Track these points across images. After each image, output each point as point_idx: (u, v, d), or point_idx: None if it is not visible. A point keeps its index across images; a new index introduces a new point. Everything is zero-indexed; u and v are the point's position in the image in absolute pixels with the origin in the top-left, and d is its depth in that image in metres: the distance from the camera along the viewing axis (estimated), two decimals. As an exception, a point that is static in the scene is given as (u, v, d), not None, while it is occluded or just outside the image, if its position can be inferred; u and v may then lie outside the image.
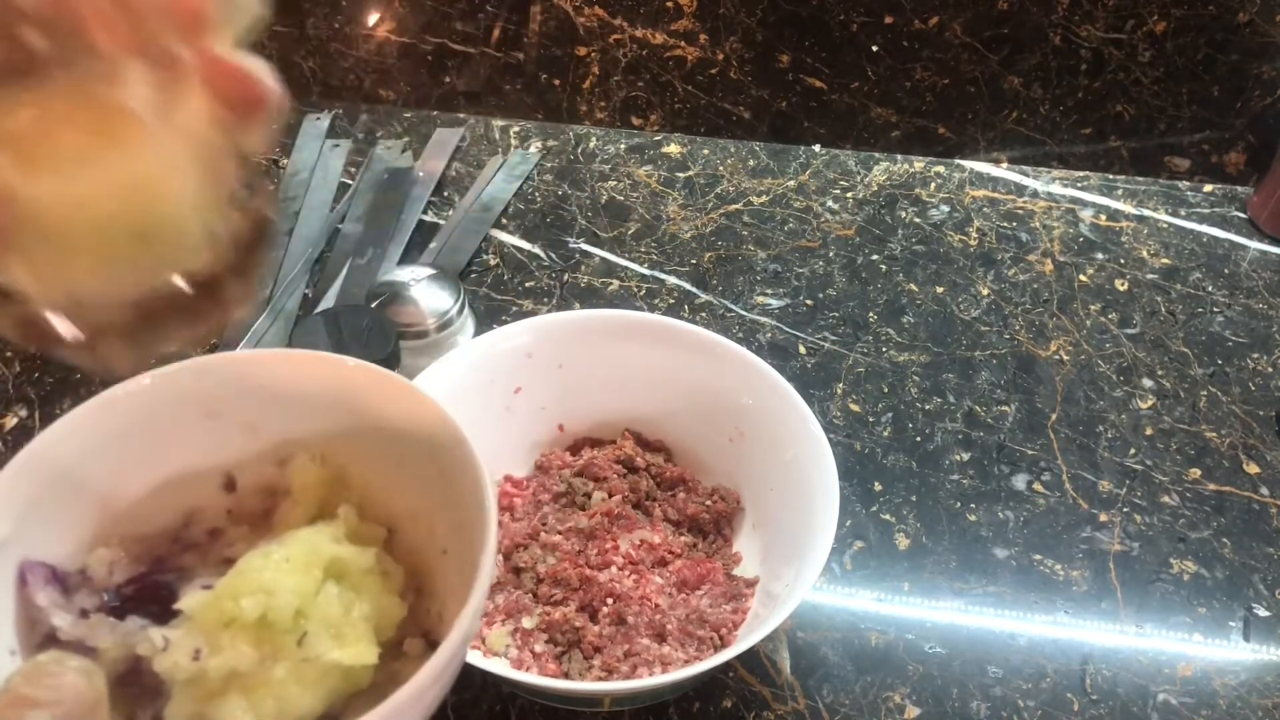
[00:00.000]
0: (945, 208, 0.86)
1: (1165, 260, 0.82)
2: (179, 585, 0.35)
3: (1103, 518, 0.65)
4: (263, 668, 0.31)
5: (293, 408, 0.38)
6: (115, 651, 0.33)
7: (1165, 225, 0.85)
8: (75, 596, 0.34)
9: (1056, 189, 0.88)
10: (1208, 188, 0.89)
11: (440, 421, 0.36)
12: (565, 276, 0.80)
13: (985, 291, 0.79)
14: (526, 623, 0.56)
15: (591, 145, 0.92)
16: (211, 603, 0.32)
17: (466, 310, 0.70)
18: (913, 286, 0.80)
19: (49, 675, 0.28)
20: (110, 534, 0.36)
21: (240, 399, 0.38)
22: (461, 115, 0.95)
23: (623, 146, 0.91)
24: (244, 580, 0.32)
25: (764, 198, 0.87)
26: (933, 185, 0.89)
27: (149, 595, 0.35)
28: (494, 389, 0.61)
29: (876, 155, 0.91)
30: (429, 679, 0.29)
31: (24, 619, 0.33)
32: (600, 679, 0.53)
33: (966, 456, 0.68)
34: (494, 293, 0.79)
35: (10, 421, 0.69)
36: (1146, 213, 0.86)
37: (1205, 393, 0.72)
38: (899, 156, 0.91)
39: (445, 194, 0.87)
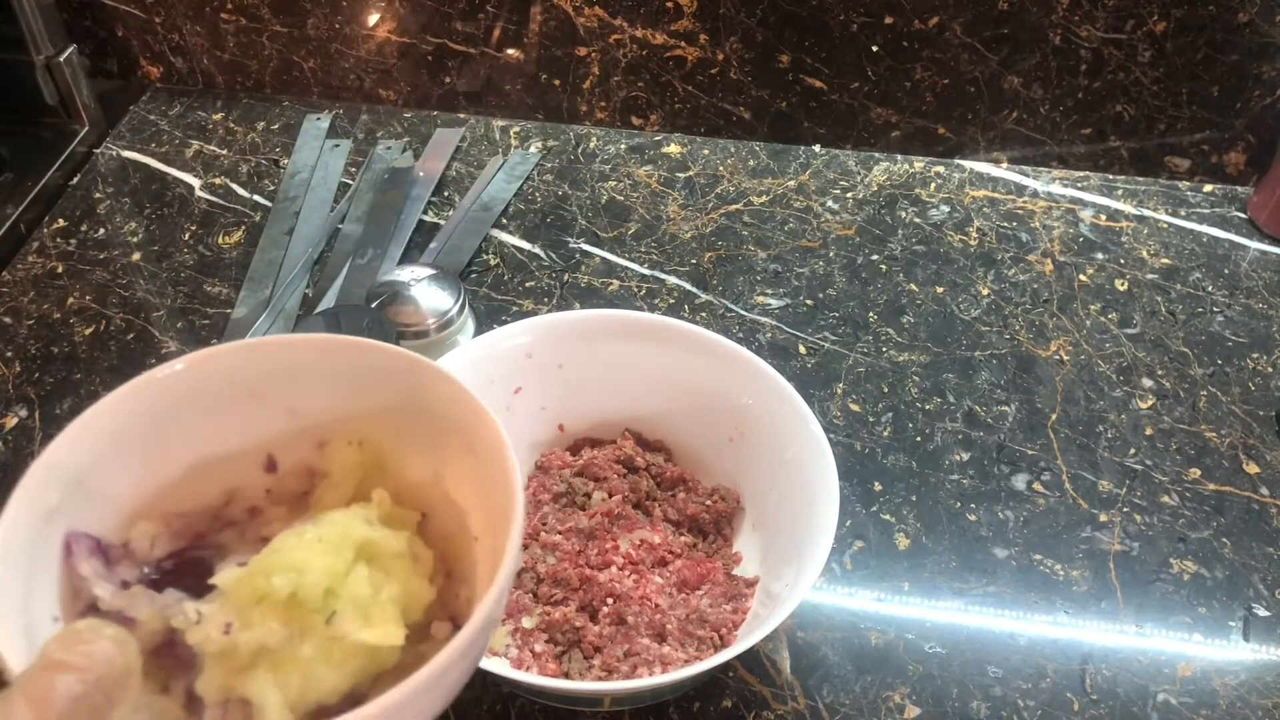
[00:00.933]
0: (945, 208, 0.86)
1: (1165, 260, 0.82)
2: (216, 561, 0.36)
3: (1103, 518, 0.65)
4: (291, 645, 0.32)
5: (334, 392, 0.39)
6: (152, 623, 0.33)
7: (1165, 225, 0.85)
8: (117, 568, 0.35)
9: (1056, 189, 0.88)
10: (1208, 188, 0.89)
11: (475, 411, 0.37)
12: (565, 276, 0.80)
13: (985, 291, 0.79)
14: (526, 623, 0.56)
15: (591, 145, 0.92)
16: (244, 579, 0.33)
17: (466, 310, 0.70)
18: (913, 286, 0.80)
19: (83, 641, 0.29)
20: (152, 509, 0.37)
21: (283, 382, 0.38)
22: (461, 115, 0.95)
23: (623, 146, 0.92)
24: (277, 558, 0.33)
25: (764, 198, 0.87)
26: (933, 185, 0.89)
27: (187, 570, 0.36)
28: (494, 389, 0.61)
29: (876, 155, 0.91)
30: (450, 659, 0.30)
31: (68, 588, 0.34)
32: (600, 679, 0.53)
33: (966, 456, 0.68)
34: (494, 293, 0.79)
35: (10, 422, 0.69)
36: (1146, 213, 0.86)
37: (1205, 393, 0.72)
38: (899, 156, 0.91)
39: (445, 194, 0.87)
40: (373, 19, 0.91)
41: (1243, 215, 0.86)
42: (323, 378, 0.39)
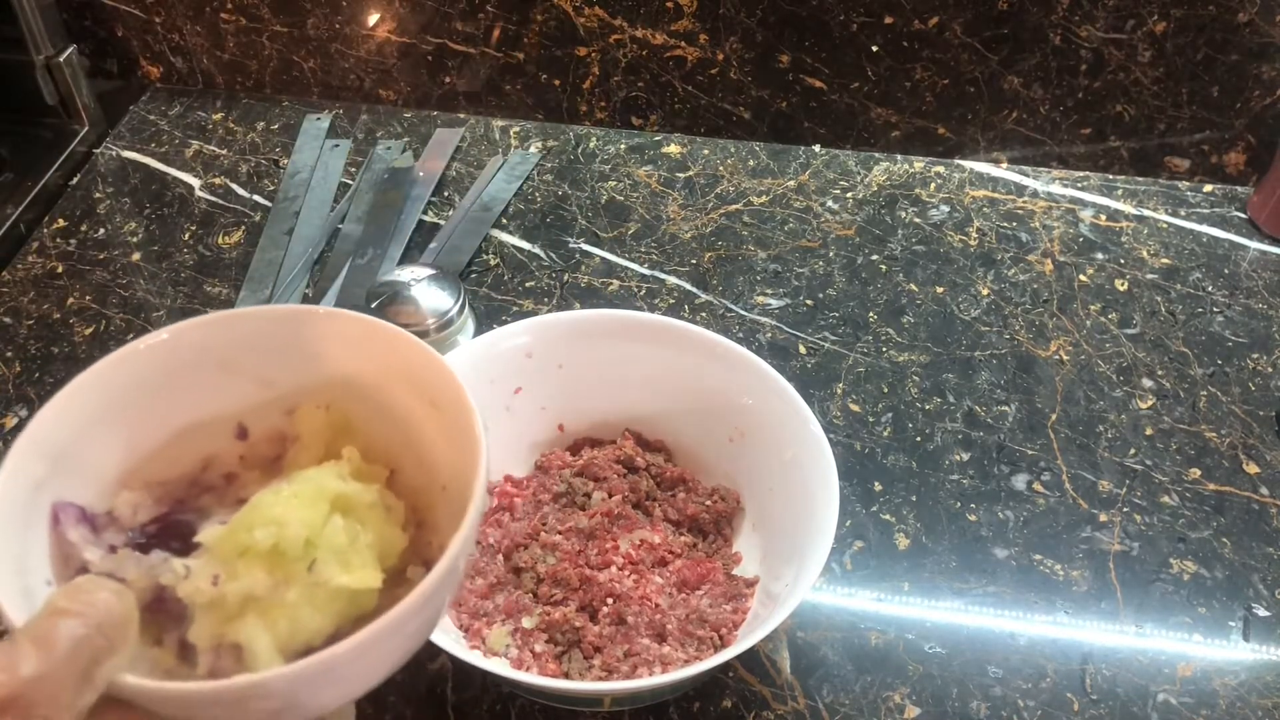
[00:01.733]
0: (945, 208, 0.86)
1: (1165, 260, 0.82)
2: (197, 524, 0.38)
3: (1103, 518, 0.65)
4: (276, 592, 0.34)
5: (301, 360, 0.41)
6: (141, 582, 0.35)
7: (1165, 225, 0.85)
8: (103, 534, 0.37)
9: (1056, 189, 0.88)
10: (1208, 188, 0.89)
11: (437, 368, 0.39)
12: (565, 276, 0.80)
13: (985, 291, 0.79)
14: (526, 623, 0.56)
15: (591, 145, 0.92)
16: (227, 535, 0.35)
17: (466, 310, 0.70)
18: (913, 286, 0.80)
19: (84, 592, 0.30)
20: (134, 478, 0.39)
21: (253, 353, 0.40)
22: (461, 115, 0.95)
23: (623, 146, 0.92)
24: (257, 513, 0.35)
25: (764, 198, 0.87)
26: (933, 185, 0.89)
27: (171, 532, 0.38)
28: (494, 389, 0.61)
29: (876, 155, 0.91)
30: (418, 599, 0.32)
31: (58, 554, 0.36)
32: (600, 679, 0.53)
33: (966, 456, 0.68)
34: (494, 293, 0.79)
35: (11, 422, 0.69)
36: (1146, 213, 0.86)
37: (1205, 393, 0.72)
38: (899, 156, 0.91)
39: (445, 194, 0.87)
40: (373, 19, 0.91)
41: (1243, 215, 0.86)
42: (290, 347, 0.40)
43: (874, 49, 0.86)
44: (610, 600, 0.55)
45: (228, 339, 0.40)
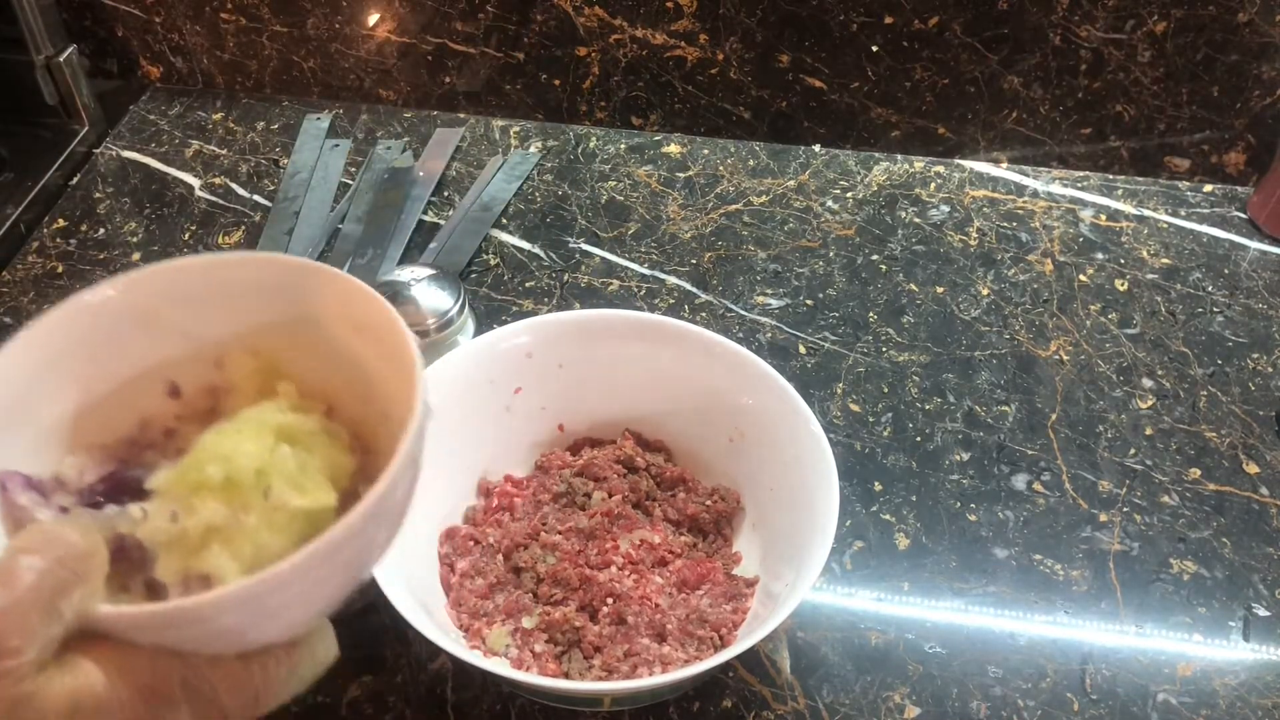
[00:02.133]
0: (945, 208, 0.86)
1: (1165, 260, 0.82)
2: (145, 477, 0.38)
3: (1103, 518, 0.65)
4: (235, 520, 0.34)
5: (222, 309, 0.40)
6: (102, 534, 0.35)
7: (1165, 225, 0.85)
8: (53, 498, 0.37)
9: (1056, 189, 0.88)
10: (1208, 188, 0.89)
11: (363, 296, 0.39)
12: (565, 276, 0.80)
13: (985, 291, 0.79)
14: (526, 623, 0.56)
15: (591, 145, 0.92)
16: (178, 475, 0.35)
17: (466, 310, 0.70)
18: (913, 286, 0.80)
19: (44, 530, 0.31)
20: (74, 443, 0.39)
21: (171, 308, 0.40)
22: (461, 115, 0.95)
23: (623, 146, 0.92)
24: (204, 452, 0.35)
25: (764, 198, 0.87)
26: (933, 185, 0.89)
27: (120, 489, 0.38)
28: (494, 389, 0.61)
29: (876, 155, 0.91)
30: (376, 502, 0.33)
31: (9, 518, 0.36)
32: (600, 679, 0.53)
33: (966, 456, 0.68)
34: (494, 293, 0.79)
35: (10, 421, 0.69)
36: (1146, 213, 0.86)
37: (1205, 393, 0.72)
38: (899, 156, 0.91)
39: (445, 194, 0.87)
40: (373, 19, 0.91)
41: (1243, 215, 0.86)
42: (209, 297, 0.40)
43: (874, 49, 0.86)
44: (610, 600, 0.55)
45: (147, 295, 0.40)
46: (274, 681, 0.33)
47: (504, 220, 0.85)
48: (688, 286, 0.79)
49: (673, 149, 0.91)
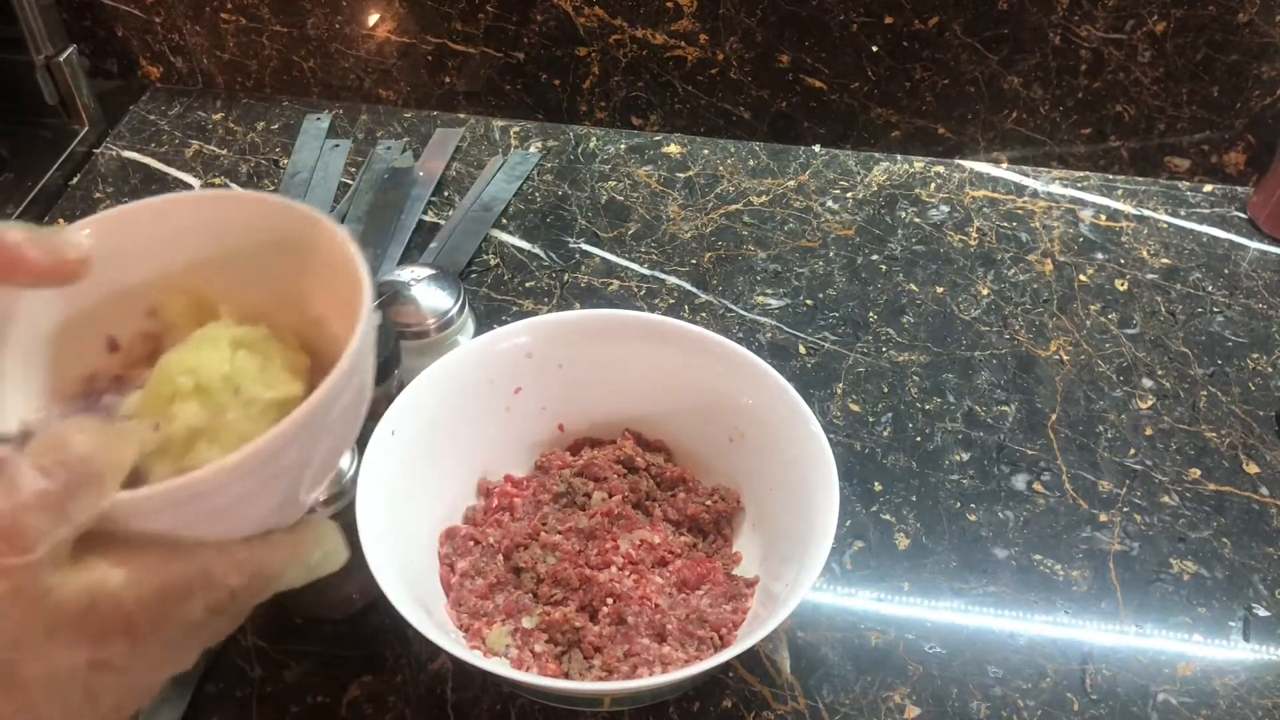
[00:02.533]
0: (945, 208, 0.86)
1: (1165, 260, 0.82)
2: (112, 410, 0.39)
3: (1103, 518, 0.65)
4: (216, 418, 0.36)
5: (144, 256, 0.41)
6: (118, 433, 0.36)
7: (1165, 225, 0.85)
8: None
9: (1056, 189, 0.88)
10: (1208, 188, 0.89)
11: (286, 211, 0.40)
12: (565, 276, 0.80)
13: (985, 291, 0.79)
14: (526, 623, 0.56)
15: (591, 145, 0.92)
16: (149, 394, 0.37)
17: (466, 310, 0.70)
18: (913, 286, 0.80)
19: (52, 436, 0.31)
20: (28, 403, 0.40)
21: (100, 260, 0.39)
22: (461, 115, 0.95)
23: (623, 146, 0.92)
24: (169, 368, 0.37)
25: (764, 198, 0.87)
26: (933, 185, 0.89)
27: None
28: (494, 389, 0.61)
29: (876, 155, 0.91)
30: (344, 373, 0.34)
31: None
32: (600, 679, 0.53)
33: (966, 456, 0.68)
34: (494, 293, 0.79)
35: (10, 421, 0.69)
36: (1146, 213, 0.86)
37: (1205, 393, 0.72)
38: (899, 156, 0.91)
39: (445, 194, 0.87)
40: (373, 19, 0.91)
41: (1243, 215, 0.86)
42: (128, 248, 0.40)
43: (874, 49, 0.86)
44: (610, 600, 0.55)
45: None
46: (277, 562, 0.35)
47: (504, 220, 0.85)
48: (688, 286, 0.79)
49: (673, 149, 0.91)
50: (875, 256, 0.82)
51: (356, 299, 0.37)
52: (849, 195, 0.87)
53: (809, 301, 0.78)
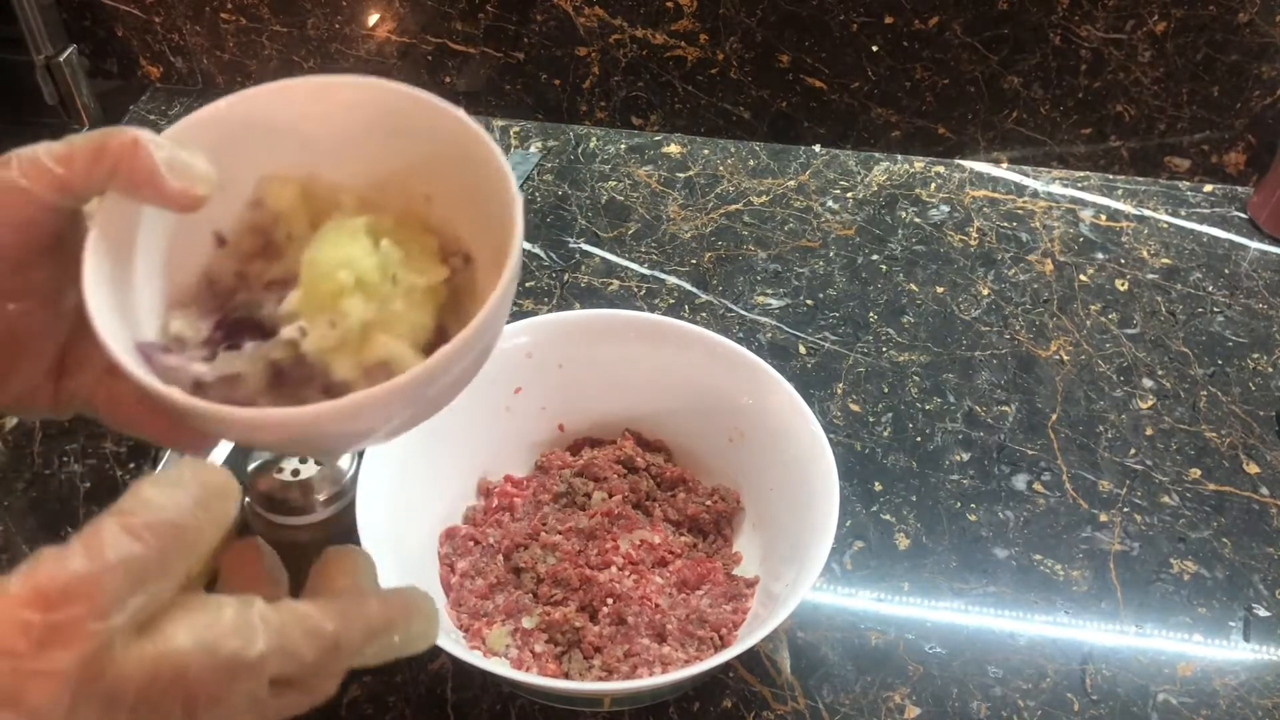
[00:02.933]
0: (945, 208, 0.86)
1: (1165, 260, 0.82)
2: (254, 313, 0.39)
3: (1103, 518, 0.65)
4: (385, 310, 0.36)
5: (250, 147, 0.40)
6: (255, 367, 0.37)
7: (1165, 225, 0.85)
8: (187, 354, 0.38)
9: (1056, 189, 0.88)
10: (1208, 188, 0.89)
11: (423, 103, 0.39)
12: (565, 276, 0.80)
13: (985, 291, 0.79)
14: (526, 623, 0.56)
15: (591, 145, 0.92)
16: (308, 295, 0.37)
17: (466, 310, 0.70)
18: (913, 286, 0.80)
19: (146, 500, 0.29)
20: (164, 310, 0.39)
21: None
22: (461, 115, 0.95)
23: (623, 146, 0.91)
24: (320, 265, 0.36)
25: (764, 198, 0.87)
26: (933, 185, 0.89)
27: (238, 331, 0.38)
28: (494, 389, 0.61)
29: (876, 155, 0.91)
30: (514, 272, 0.35)
31: (171, 382, 0.36)
32: (600, 679, 0.53)
33: (966, 456, 0.68)
34: (494, 293, 0.79)
35: (10, 422, 0.69)
36: (1146, 213, 0.86)
37: (1205, 393, 0.72)
38: (899, 156, 0.91)
39: (445, 194, 0.87)
40: (373, 19, 0.91)
41: (1243, 215, 0.86)
42: (243, 135, 0.39)
43: (874, 49, 0.86)
44: (610, 600, 0.55)
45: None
46: (358, 634, 0.33)
47: (504, 220, 0.85)
48: (688, 286, 0.79)
49: (673, 149, 0.91)
50: (875, 256, 0.82)
51: (505, 200, 0.37)
52: (849, 195, 0.87)
53: (809, 301, 0.78)
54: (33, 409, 0.37)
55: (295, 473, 0.55)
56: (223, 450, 0.61)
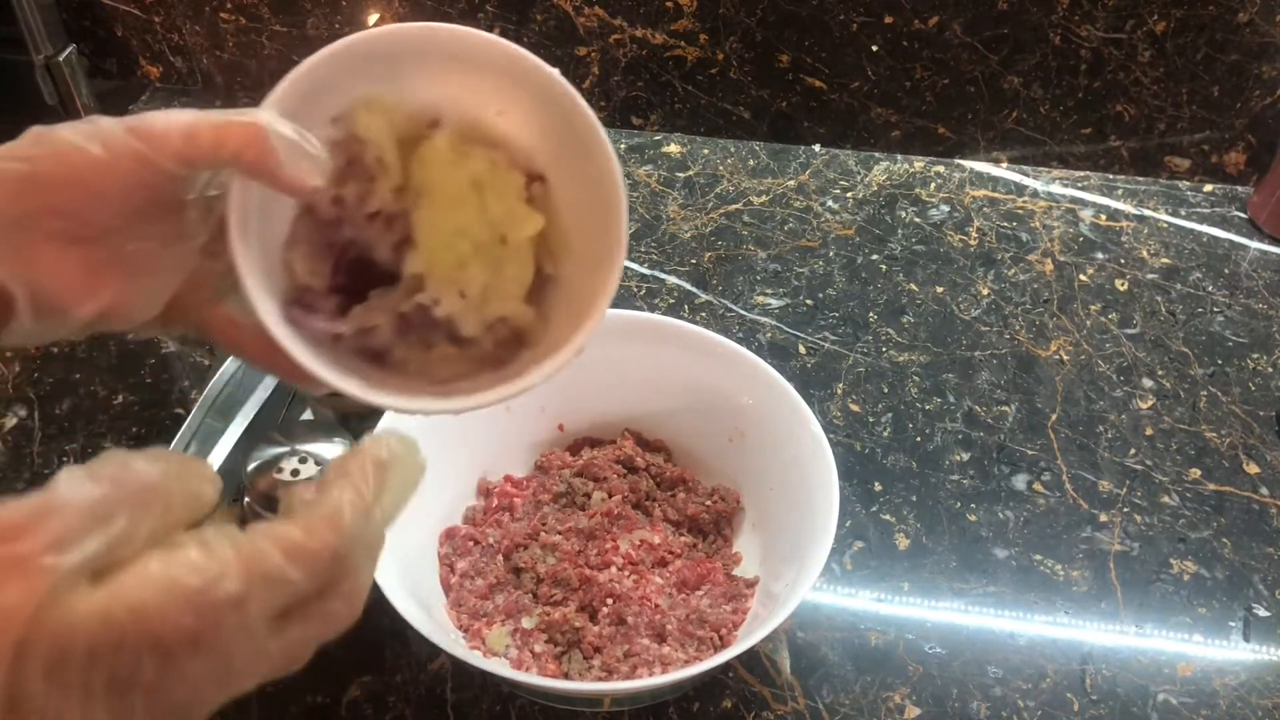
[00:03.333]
0: (945, 208, 0.86)
1: (1165, 260, 0.82)
2: (365, 251, 0.41)
3: (1103, 518, 0.65)
4: (499, 274, 0.40)
5: (350, 79, 0.42)
6: (386, 318, 0.40)
7: (1165, 225, 0.85)
8: (319, 313, 0.40)
9: (1056, 189, 0.88)
10: (1208, 188, 0.89)
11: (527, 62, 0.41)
12: (565, 276, 0.80)
13: (985, 291, 0.79)
14: (526, 623, 0.56)
15: (591, 145, 0.91)
16: (431, 261, 0.40)
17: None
18: (913, 286, 0.80)
19: (115, 462, 0.29)
20: (284, 248, 0.41)
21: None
22: (461, 115, 0.95)
23: (623, 146, 0.91)
24: (440, 234, 0.40)
25: (764, 198, 0.87)
26: (933, 185, 0.89)
27: (357, 272, 0.41)
28: (494, 389, 0.61)
29: (876, 155, 0.91)
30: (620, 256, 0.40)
31: (318, 344, 0.39)
32: (600, 679, 0.53)
33: (966, 456, 0.68)
34: (494, 293, 0.79)
35: (10, 422, 0.69)
36: (1147, 213, 0.86)
37: (1205, 393, 0.72)
38: (899, 156, 0.91)
39: (445, 194, 0.87)
40: (373, 19, 0.91)
41: (1243, 215, 0.86)
42: (351, 75, 0.41)
43: (874, 49, 0.86)
44: (610, 600, 0.55)
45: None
46: (348, 511, 0.31)
47: (504, 220, 0.85)
48: (688, 286, 0.79)
49: (673, 149, 0.91)
50: (875, 256, 0.82)
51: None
52: (849, 195, 0.87)
53: (809, 301, 0.78)
54: (145, 326, 0.40)
55: (295, 473, 0.55)
56: (220, 453, 0.62)
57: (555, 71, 0.42)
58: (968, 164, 0.90)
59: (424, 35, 0.41)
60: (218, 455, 0.61)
